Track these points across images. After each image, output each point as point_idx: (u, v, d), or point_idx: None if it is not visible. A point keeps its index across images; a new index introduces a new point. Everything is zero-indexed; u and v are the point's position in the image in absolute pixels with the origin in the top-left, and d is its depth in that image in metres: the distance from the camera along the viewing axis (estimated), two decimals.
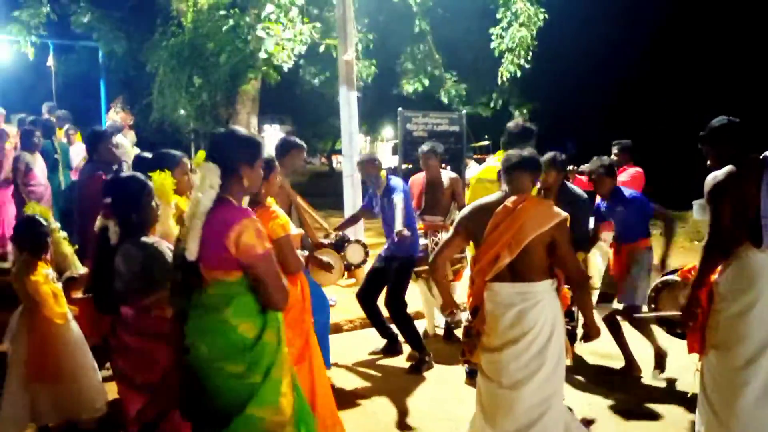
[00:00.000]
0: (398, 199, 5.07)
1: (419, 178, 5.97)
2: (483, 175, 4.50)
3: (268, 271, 2.44)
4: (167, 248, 2.89)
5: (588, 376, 4.91)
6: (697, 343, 3.39)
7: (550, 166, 4.51)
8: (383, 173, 5.39)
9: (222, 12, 8.85)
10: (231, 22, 8.67)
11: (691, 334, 3.46)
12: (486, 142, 12.68)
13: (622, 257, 4.88)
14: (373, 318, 5.49)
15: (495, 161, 4.41)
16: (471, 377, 4.40)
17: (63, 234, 4.11)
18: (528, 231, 2.96)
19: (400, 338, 5.41)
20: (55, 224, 4.08)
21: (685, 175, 6.88)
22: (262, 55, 7.80)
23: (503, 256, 2.99)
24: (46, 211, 4.03)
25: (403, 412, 4.37)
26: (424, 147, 5.86)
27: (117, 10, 10.53)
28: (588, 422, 4.08)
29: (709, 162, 3.46)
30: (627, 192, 4.94)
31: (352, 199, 7.78)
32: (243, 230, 2.37)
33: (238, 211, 2.45)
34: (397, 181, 5.30)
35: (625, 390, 4.64)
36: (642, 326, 4.75)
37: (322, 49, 8.90)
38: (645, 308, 4.49)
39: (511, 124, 4.59)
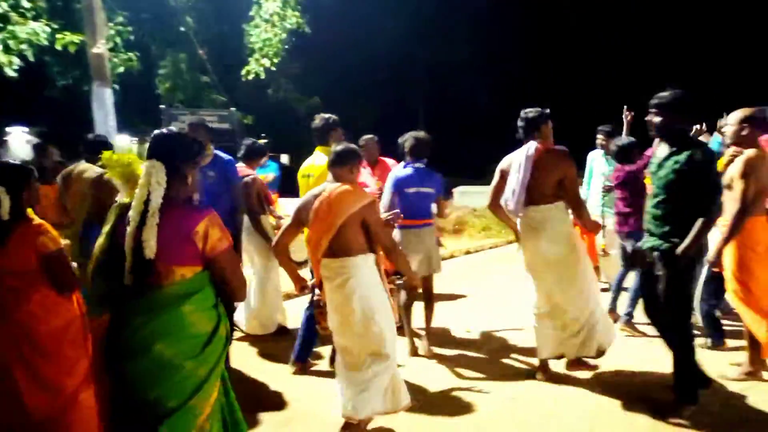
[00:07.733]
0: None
1: None
2: (305, 171, 4.89)
3: (232, 263, 2.57)
4: None
5: None
6: None
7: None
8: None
9: None
10: None
11: None
12: (264, 141, 12.47)
13: None
14: None
15: (313, 158, 4.89)
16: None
17: None
18: (340, 214, 3.44)
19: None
20: None
21: (448, 167, 7.48)
22: None
23: (324, 238, 3.49)
24: None
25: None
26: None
27: None
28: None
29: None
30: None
31: None
32: (210, 225, 2.46)
33: (198, 207, 2.54)
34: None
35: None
36: None
37: (59, 46, 7.93)
38: None
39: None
